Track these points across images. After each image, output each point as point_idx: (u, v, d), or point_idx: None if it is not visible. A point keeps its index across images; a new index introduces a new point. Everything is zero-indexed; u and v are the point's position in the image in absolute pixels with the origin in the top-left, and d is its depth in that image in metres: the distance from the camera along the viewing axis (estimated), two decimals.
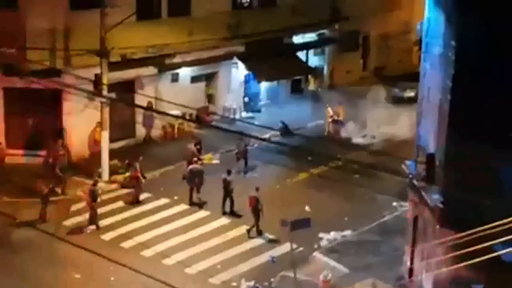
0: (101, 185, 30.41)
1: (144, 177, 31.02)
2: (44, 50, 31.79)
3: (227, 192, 29.65)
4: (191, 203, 30.61)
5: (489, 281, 18.12)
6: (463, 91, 18.89)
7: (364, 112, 39.51)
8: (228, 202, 29.79)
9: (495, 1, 18.00)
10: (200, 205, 30.45)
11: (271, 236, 27.70)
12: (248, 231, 28.04)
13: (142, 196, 30.95)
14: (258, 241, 27.66)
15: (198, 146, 34.07)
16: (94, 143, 33.42)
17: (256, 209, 27.87)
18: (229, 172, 29.87)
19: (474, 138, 18.31)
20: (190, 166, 31.05)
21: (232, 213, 29.63)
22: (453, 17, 19.64)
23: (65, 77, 30.71)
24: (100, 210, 28.79)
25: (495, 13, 17.99)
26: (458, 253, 16.44)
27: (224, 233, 28.19)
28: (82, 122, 33.46)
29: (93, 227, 28.05)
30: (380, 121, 38.28)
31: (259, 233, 28.00)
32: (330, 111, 39.81)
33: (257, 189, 28.21)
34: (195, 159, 31.77)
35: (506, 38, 17.99)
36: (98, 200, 28.38)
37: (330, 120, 39.62)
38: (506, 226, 14.75)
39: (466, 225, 16.15)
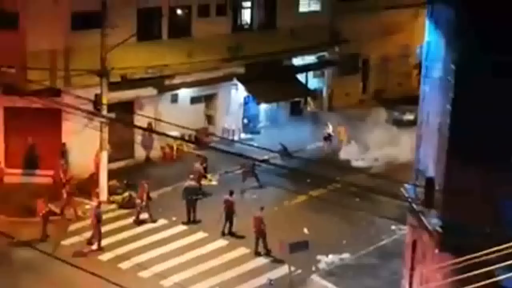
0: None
1: (149, 198, 31.03)
2: (45, 70, 31.87)
3: (229, 213, 29.61)
4: (188, 221, 30.66)
5: None
6: (463, 115, 18.89)
7: (365, 134, 39.53)
8: (228, 223, 29.79)
9: (495, 26, 18.04)
10: (195, 222, 30.54)
11: (269, 258, 27.66)
12: (266, 251, 28.07)
13: (141, 217, 30.95)
14: (256, 263, 27.59)
15: (204, 165, 34.06)
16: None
17: (261, 230, 27.84)
18: (231, 193, 29.86)
19: (474, 163, 18.29)
20: (185, 184, 31.12)
21: (231, 234, 29.58)
22: (453, 41, 19.68)
23: (65, 96, 30.76)
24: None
25: (496, 37, 18.03)
26: (457, 278, 16.38)
27: (222, 254, 28.12)
28: (81, 142, 33.40)
29: (94, 247, 27.97)
30: (382, 143, 38.28)
31: (257, 254, 27.95)
32: (330, 127, 40.11)
33: (261, 209, 28.25)
34: (191, 176, 31.76)
35: (506, 62, 18.01)
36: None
37: (325, 135, 40.06)
38: (506, 251, 14.71)
39: (465, 249, 16.10)
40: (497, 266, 14.94)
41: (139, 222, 30.60)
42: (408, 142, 33.62)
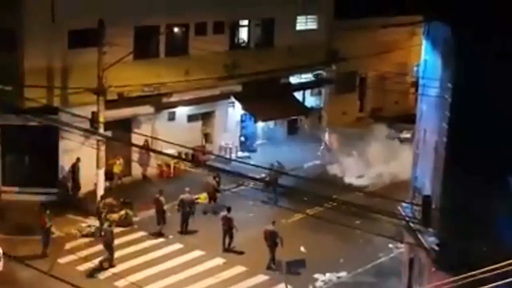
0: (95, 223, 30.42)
1: (164, 212, 31.45)
2: (42, 87, 31.86)
3: (228, 229, 29.67)
4: (182, 232, 31.25)
5: None
6: (459, 134, 18.92)
7: (367, 150, 39.30)
8: (228, 239, 29.94)
9: (492, 45, 18.10)
10: (187, 233, 31.10)
11: (266, 277, 27.59)
12: (271, 264, 28.13)
13: (137, 235, 30.97)
14: (253, 282, 27.51)
15: (217, 179, 34.05)
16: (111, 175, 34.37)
17: (274, 243, 27.82)
18: (229, 210, 29.87)
19: (471, 181, 18.29)
20: (181, 196, 31.48)
21: (229, 250, 29.57)
22: (450, 60, 19.74)
23: (62, 115, 30.76)
24: (94, 249, 28.72)
25: (492, 56, 18.07)
26: None
27: (219, 273, 28.04)
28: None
29: (105, 264, 28.02)
30: (385, 159, 38.05)
31: (272, 267, 28.00)
32: (326, 135, 40.41)
33: (273, 223, 28.42)
34: (187, 189, 31.85)
35: (503, 81, 18.06)
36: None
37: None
38: (502, 270, 14.69)
39: (461, 268, 16.08)
40: (494, 284, 14.92)
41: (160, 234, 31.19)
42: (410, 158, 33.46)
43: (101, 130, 31.06)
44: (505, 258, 14.78)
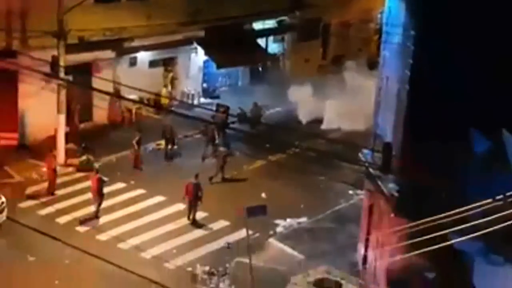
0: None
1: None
2: (0, 30, 31.36)
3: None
4: (166, 155, 33.79)
5: (442, 269, 18.26)
6: (421, 81, 19.00)
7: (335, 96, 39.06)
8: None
9: None
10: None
11: (227, 222, 27.73)
12: (193, 219, 28.00)
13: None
14: (213, 227, 27.65)
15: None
16: None
17: (196, 197, 27.69)
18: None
19: (432, 129, 18.44)
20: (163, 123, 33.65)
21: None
22: (413, 6, 19.73)
23: (21, 58, 30.32)
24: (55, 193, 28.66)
25: (456, 3, 18.09)
26: (412, 241, 16.59)
27: (180, 218, 28.11)
28: (38, 104, 33.01)
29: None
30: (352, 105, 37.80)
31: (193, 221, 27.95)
32: None
33: (196, 176, 27.95)
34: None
35: (466, 28, 18.10)
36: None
37: None
38: (459, 216, 14.92)
39: (420, 214, 16.30)
40: (450, 230, 15.16)
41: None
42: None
43: (62, 74, 30.69)
44: (462, 204, 15.00)
